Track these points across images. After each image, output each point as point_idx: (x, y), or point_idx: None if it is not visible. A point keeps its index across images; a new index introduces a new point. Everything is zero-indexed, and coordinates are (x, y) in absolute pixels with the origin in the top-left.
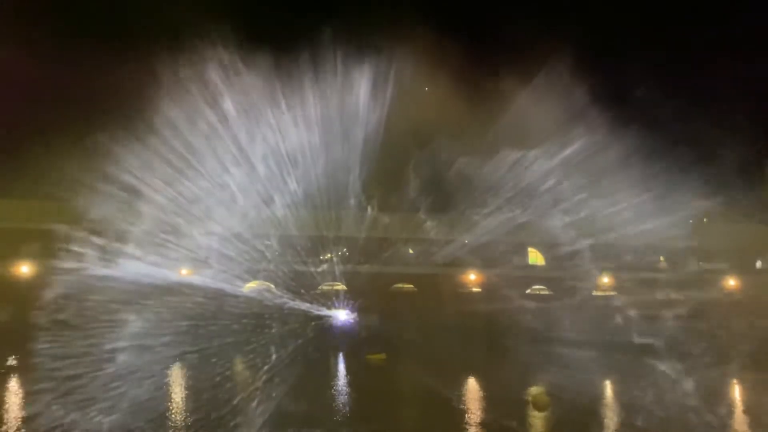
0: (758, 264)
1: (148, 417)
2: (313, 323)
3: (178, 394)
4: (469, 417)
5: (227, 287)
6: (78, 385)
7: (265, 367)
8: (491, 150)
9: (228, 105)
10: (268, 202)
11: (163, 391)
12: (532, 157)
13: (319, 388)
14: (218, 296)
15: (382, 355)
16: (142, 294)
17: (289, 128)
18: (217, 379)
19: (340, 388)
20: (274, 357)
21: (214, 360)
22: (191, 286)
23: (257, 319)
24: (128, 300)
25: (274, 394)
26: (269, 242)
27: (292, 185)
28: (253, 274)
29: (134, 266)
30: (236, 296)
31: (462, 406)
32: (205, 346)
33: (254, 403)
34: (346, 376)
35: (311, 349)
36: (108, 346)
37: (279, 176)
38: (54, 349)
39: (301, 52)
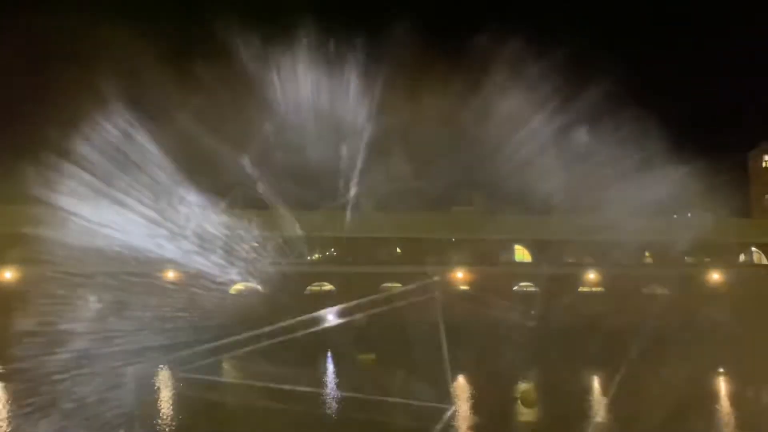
0: (741, 258)
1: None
2: (300, 324)
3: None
4: (457, 413)
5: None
6: None
7: (253, 368)
8: (478, 147)
9: (216, 102)
10: (255, 201)
11: None
12: (518, 152)
13: (311, 388)
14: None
15: (372, 356)
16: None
17: (276, 127)
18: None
19: (331, 389)
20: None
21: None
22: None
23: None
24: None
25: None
26: (256, 243)
27: (281, 185)
28: (240, 275)
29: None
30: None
31: (451, 403)
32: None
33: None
34: (337, 376)
35: (300, 349)
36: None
37: (267, 175)
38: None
39: (287, 51)
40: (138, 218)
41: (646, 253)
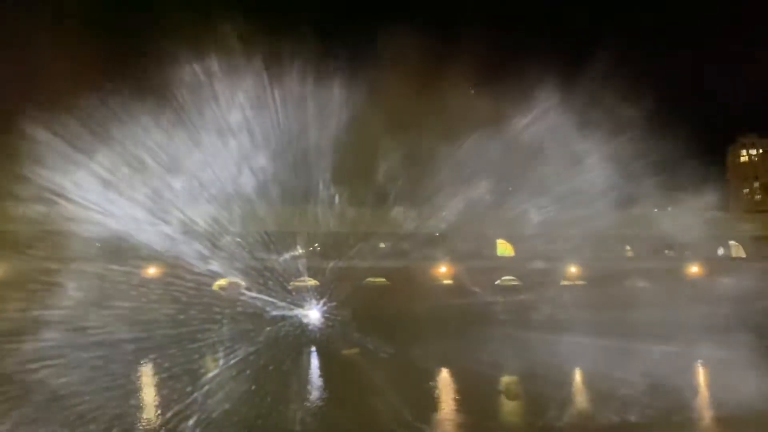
0: (720, 251)
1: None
2: (284, 319)
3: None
4: (440, 408)
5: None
6: None
7: (235, 363)
8: (460, 141)
9: (194, 99)
10: (238, 197)
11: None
12: (500, 147)
13: (294, 383)
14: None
15: (356, 350)
16: None
17: (257, 123)
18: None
19: (315, 384)
20: (242, 354)
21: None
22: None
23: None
24: None
25: (245, 392)
26: (239, 239)
27: (262, 180)
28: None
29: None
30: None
31: (433, 398)
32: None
33: (227, 398)
34: (321, 372)
35: (283, 345)
36: None
37: (249, 171)
38: None
39: (268, 48)
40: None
41: (627, 248)
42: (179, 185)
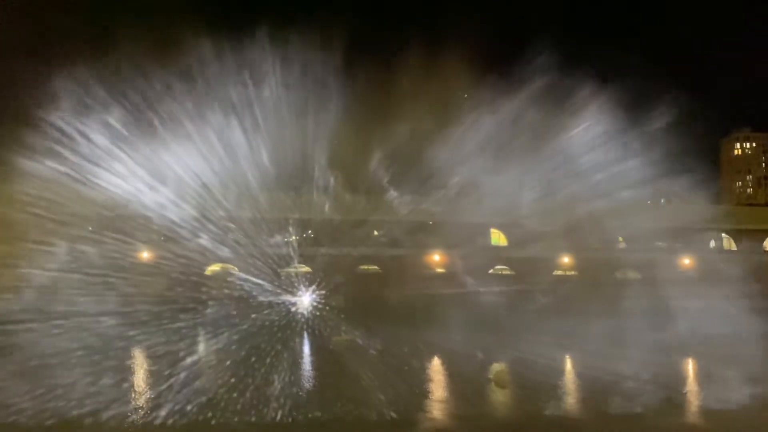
0: (711, 244)
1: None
2: (276, 306)
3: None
4: (431, 396)
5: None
6: None
7: (222, 349)
8: (454, 130)
9: (191, 86)
10: (232, 183)
11: None
12: (493, 136)
13: (284, 370)
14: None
15: (347, 338)
16: None
17: (252, 110)
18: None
19: (305, 371)
20: (230, 341)
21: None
22: None
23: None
24: None
25: (225, 381)
26: (232, 225)
27: (257, 167)
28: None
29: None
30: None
31: (424, 386)
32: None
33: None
34: (311, 359)
35: (275, 331)
36: None
37: (243, 158)
38: None
39: (263, 34)
40: None
41: (620, 238)
42: (176, 167)
